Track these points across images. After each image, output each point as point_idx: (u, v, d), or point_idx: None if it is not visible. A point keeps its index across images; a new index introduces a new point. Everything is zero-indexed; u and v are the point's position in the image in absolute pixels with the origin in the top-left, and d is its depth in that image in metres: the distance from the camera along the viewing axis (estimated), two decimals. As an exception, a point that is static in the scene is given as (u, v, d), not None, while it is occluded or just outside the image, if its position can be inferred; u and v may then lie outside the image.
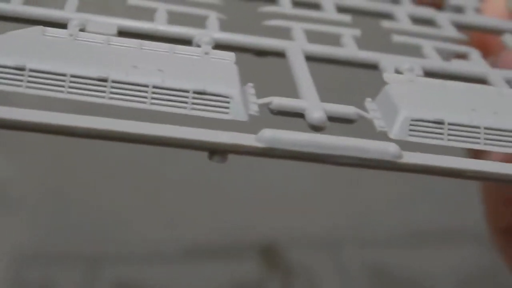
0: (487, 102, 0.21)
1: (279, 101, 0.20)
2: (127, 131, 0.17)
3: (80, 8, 0.23)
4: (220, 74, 0.19)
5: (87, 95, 0.18)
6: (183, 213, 0.58)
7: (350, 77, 0.22)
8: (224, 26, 0.24)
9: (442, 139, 0.20)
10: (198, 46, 0.22)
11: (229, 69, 0.20)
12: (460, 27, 0.28)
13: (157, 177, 0.60)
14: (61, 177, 0.59)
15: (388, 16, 0.28)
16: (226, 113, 0.19)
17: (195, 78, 0.19)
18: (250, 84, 0.20)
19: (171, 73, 0.19)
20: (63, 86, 0.18)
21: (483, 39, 0.29)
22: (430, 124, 0.20)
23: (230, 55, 0.21)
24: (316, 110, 0.19)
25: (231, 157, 0.18)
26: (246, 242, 0.56)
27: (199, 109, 0.18)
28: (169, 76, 0.19)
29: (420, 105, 0.20)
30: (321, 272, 0.54)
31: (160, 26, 0.23)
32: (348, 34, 0.25)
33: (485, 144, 0.20)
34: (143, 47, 0.20)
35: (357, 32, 0.25)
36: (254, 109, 0.19)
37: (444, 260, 0.55)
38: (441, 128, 0.20)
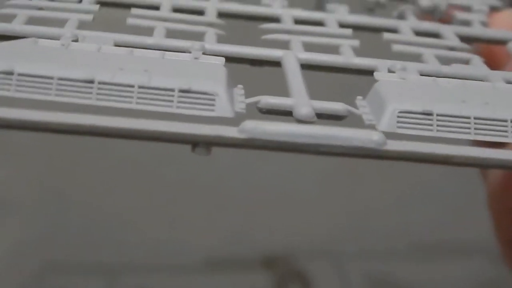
0: (478, 95, 0.21)
1: (267, 100, 0.20)
2: (111, 125, 0.17)
3: (80, 27, 0.23)
4: (207, 74, 0.20)
5: (74, 96, 0.18)
6: (182, 214, 0.58)
7: (349, 84, 0.22)
8: (222, 41, 0.24)
9: (431, 130, 0.19)
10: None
11: (217, 70, 0.20)
12: (465, 39, 0.28)
13: (157, 178, 0.60)
14: (60, 177, 0.59)
15: (392, 31, 0.28)
16: (212, 110, 0.19)
17: (181, 77, 0.19)
18: (240, 86, 0.21)
19: (157, 73, 0.19)
20: (50, 89, 0.18)
21: (492, 52, 0.29)
22: (419, 116, 0.20)
23: (220, 59, 0.21)
24: (304, 106, 0.19)
25: (231, 157, 0.18)
26: (245, 247, 0.56)
27: (184, 107, 0.19)
28: (155, 76, 0.19)
29: (408, 98, 0.20)
30: (322, 281, 0.54)
31: (155, 39, 0.23)
32: (347, 44, 0.25)
33: (476, 134, 0.20)
34: (134, 53, 0.21)
35: (355, 42, 0.25)
36: (241, 107, 0.19)
37: (448, 272, 0.54)
38: (430, 119, 0.20)
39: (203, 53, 0.22)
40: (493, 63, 0.27)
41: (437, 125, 0.20)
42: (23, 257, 0.53)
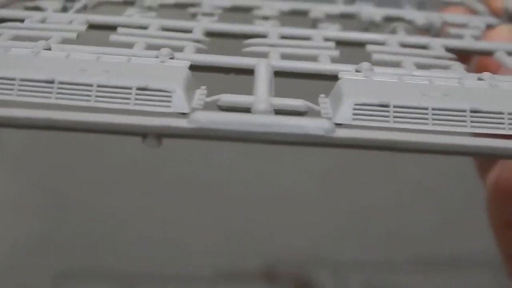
0: (441, 88, 0.21)
1: (227, 98, 0.20)
2: (59, 118, 0.18)
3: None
4: (166, 74, 0.20)
5: (35, 96, 0.19)
6: (181, 214, 0.57)
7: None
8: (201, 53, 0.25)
9: (387, 121, 0.20)
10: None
11: (177, 71, 0.21)
12: (453, 51, 0.28)
13: (157, 177, 0.60)
14: (59, 178, 0.59)
15: (379, 44, 0.28)
16: (168, 106, 0.19)
17: (140, 77, 0.20)
18: (203, 87, 0.21)
19: (117, 73, 0.20)
20: (12, 90, 0.19)
21: (484, 63, 0.29)
22: (375, 108, 0.20)
23: (185, 63, 0.22)
24: (262, 102, 0.20)
25: (231, 156, 0.19)
26: (245, 248, 0.55)
27: (142, 104, 0.19)
28: (114, 76, 0.20)
29: (367, 92, 0.20)
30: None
31: (128, 50, 0.24)
32: (325, 54, 0.25)
33: (433, 124, 0.20)
34: (100, 58, 0.21)
35: (335, 53, 0.26)
36: (199, 103, 0.20)
37: (449, 280, 0.53)
38: (386, 111, 0.20)
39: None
40: None
41: (394, 117, 0.20)
42: (23, 257, 0.54)
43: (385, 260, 0.54)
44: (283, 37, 0.28)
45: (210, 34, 0.28)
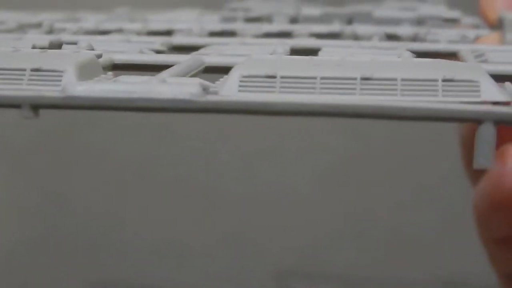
0: (343, 61, 0.21)
1: (126, 78, 0.20)
2: None
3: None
4: (62, 58, 0.21)
5: None
6: (180, 214, 0.57)
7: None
8: None
9: (273, 92, 0.19)
10: None
11: (82, 56, 0.21)
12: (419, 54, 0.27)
13: (156, 178, 0.59)
14: (59, 177, 0.59)
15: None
16: (58, 85, 0.20)
17: (35, 59, 0.20)
18: (110, 73, 0.21)
19: (19, 58, 0.21)
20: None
21: None
22: (262, 79, 0.19)
23: (97, 52, 0.22)
24: (154, 80, 0.20)
25: (231, 157, 0.19)
26: (245, 248, 0.54)
27: (35, 85, 0.20)
28: (12, 59, 0.20)
29: (257, 65, 0.20)
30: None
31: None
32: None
33: (321, 93, 0.19)
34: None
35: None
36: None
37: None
38: (273, 82, 0.19)
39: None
40: None
41: (280, 87, 0.19)
42: (23, 257, 0.54)
43: (385, 261, 0.53)
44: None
45: (175, 48, 0.29)
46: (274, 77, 0.19)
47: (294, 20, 0.36)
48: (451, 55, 0.27)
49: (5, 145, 0.61)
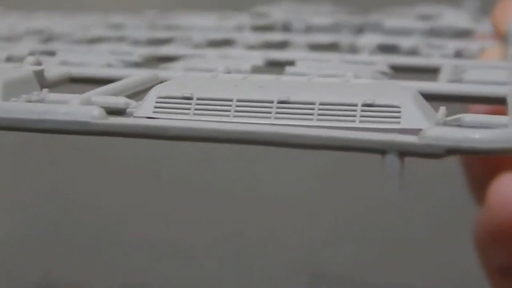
0: (268, 81, 0.20)
1: (51, 97, 0.20)
2: None
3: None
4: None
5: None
6: (180, 214, 0.56)
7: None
8: None
9: (188, 114, 0.19)
10: None
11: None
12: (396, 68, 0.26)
13: (156, 178, 0.59)
14: (59, 177, 0.59)
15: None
16: None
17: None
18: (46, 90, 0.21)
19: None
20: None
21: None
22: (178, 101, 0.19)
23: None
24: (78, 99, 0.19)
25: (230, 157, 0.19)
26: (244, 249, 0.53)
27: None
28: None
29: (178, 86, 0.19)
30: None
31: None
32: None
33: (235, 116, 0.18)
34: None
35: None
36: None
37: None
38: (188, 104, 0.19)
39: None
40: None
41: (195, 109, 0.19)
42: (23, 256, 0.55)
43: (384, 261, 0.51)
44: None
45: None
46: (190, 98, 0.19)
47: (305, 30, 0.35)
48: (432, 70, 0.26)
49: (4, 145, 0.62)
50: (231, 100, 0.19)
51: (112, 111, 0.20)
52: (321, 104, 0.18)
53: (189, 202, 0.60)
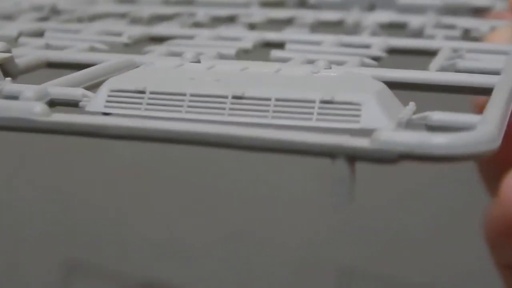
0: (232, 75, 0.19)
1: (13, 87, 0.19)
2: None
3: None
4: None
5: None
6: (180, 214, 0.56)
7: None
8: None
9: (139, 108, 0.18)
10: None
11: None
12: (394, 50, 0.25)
13: (155, 178, 0.58)
14: (60, 177, 0.59)
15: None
16: None
17: None
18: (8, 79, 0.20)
19: None
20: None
21: None
22: (131, 94, 0.18)
23: None
24: (30, 91, 0.19)
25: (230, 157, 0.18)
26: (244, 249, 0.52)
27: None
28: None
29: (130, 79, 0.18)
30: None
31: None
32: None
33: (187, 112, 0.17)
34: None
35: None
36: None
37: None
38: (141, 98, 0.18)
39: None
40: None
41: (148, 104, 0.18)
42: (23, 256, 0.55)
43: (384, 261, 0.50)
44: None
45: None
46: (143, 92, 0.18)
47: (317, 6, 0.33)
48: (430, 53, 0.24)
49: (5, 145, 0.61)
50: (184, 95, 0.18)
51: (68, 103, 0.19)
52: (277, 100, 0.17)
53: (189, 202, 0.59)
